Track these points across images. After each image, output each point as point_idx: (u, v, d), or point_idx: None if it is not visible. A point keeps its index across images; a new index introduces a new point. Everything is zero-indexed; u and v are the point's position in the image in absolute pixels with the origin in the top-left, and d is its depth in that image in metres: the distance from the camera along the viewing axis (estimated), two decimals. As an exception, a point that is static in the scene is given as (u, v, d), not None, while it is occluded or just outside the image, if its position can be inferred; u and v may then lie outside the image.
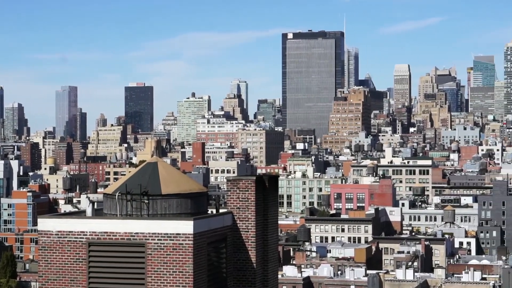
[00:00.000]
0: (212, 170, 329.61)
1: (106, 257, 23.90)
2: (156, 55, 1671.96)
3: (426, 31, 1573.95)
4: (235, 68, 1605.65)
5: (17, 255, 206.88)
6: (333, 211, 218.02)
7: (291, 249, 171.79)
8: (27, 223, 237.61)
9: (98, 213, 26.27)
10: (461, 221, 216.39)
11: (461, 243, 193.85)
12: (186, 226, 23.23)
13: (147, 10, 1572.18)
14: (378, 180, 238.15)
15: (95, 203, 26.60)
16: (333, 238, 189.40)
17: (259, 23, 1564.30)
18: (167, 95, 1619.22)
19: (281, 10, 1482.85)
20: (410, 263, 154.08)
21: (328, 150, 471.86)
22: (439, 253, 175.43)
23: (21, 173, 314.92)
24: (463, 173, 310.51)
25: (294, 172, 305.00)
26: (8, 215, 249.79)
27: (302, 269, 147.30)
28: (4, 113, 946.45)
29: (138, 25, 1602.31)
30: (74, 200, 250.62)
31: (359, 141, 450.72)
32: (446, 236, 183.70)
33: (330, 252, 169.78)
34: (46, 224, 24.51)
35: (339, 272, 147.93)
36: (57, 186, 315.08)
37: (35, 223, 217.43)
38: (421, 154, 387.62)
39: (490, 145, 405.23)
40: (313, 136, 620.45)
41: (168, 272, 23.30)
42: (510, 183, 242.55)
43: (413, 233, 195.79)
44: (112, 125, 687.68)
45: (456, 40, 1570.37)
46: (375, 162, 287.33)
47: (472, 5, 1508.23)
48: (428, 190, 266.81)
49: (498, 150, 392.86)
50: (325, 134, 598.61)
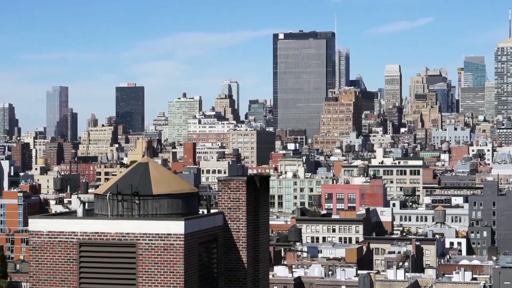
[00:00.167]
0: (203, 171, 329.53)
1: (97, 258, 23.86)
2: (148, 55, 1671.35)
3: (417, 32, 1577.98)
4: (226, 69, 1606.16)
5: (8, 256, 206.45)
6: (324, 212, 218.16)
7: (282, 249, 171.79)
8: (18, 224, 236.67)
9: (89, 214, 26.26)
10: (452, 221, 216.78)
11: (452, 243, 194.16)
12: (177, 227, 23.21)
13: (140, 11, 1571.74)
14: (369, 181, 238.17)
15: (86, 204, 26.58)
16: (324, 238, 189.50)
17: (250, 24, 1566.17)
18: (158, 96, 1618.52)
19: (272, 11, 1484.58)
20: (401, 263, 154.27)
21: (319, 151, 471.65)
22: (430, 253, 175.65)
23: (12, 173, 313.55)
24: (454, 174, 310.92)
25: (285, 173, 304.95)
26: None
27: (293, 269, 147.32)
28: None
29: (131, 26, 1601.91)
30: (65, 201, 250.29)
31: (350, 142, 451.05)
32: (437, 236, 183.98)
33: (321, 252, 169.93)
34: (37, 225, 24.47)
35: (330, 272, 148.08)
36: (48, 187, 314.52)
37: (26, 224, 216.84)
38: (412, 155, 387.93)
39: (481, 146, 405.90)
40: (304, 137, 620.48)
41: (159, 273, 23.28)
42: (501, 184, 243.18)
43: (404, 233, 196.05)
44: (103, 126, 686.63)
45: (447, 41, 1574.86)
46: (366, 163, 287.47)
47: (463, 6, 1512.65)
48: (419, 191, 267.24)
49: (489, 151, 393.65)
50: (316, 135, 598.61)
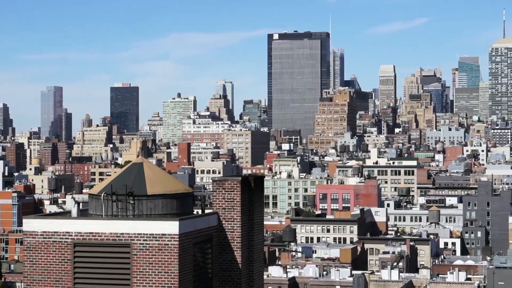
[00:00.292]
0: (198, 171, 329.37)
1: (92, 258, 23.85)
2: (143, 56, 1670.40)
3: (412, 32, 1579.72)
4: (221, 69, 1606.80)
5: (2, 256, 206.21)
6: (319, 212, 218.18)
7: (277, 250, 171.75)
8: (12, 224, 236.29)
9: (84, 214, 26.23)
10: (446, 222, 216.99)
11: (446, 244, 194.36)
12: (172, 227, 23.20)
13: (135, 11, 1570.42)
14: (364, 181, 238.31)
15: (81, 204, 26.55)
16: (319, 239, 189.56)
17: (245, 24, 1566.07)
18: (153, 96, 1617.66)
19: (267, 11, 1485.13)
20: (395, 264, 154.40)
21: (314, 151, 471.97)
22: (424, 254, 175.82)
23: (6, 174, 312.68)
24: (448, 174, 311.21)
25: (280, 173, 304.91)
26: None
27: (288, 270, 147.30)
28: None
29: (126, 26, 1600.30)
30: (59, 201, 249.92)
31: (345, 142, 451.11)
32: (431, 237, 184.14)
33: (316, 253, 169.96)
34: (31, 225, 24.45)
35: (325, 273, 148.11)
36: (42, 187, 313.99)
37: (20, 224, 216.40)
38: (406, 155, 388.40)
39: (475, 146, 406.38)
40: (299, 137, 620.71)
41: (154, 273, 23.27)
42: (495, 184, 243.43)
43: (398, 234, 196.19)
44: (98, 126, 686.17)
45: (441, 41, 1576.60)
46: (361, 163, 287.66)
47: (457, 7, 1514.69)
48: (413, 191, 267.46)
49: (483, 151, 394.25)
50: (311, 135, 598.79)
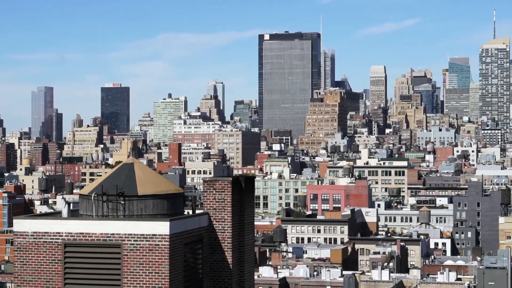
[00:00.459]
0: (189, 171, 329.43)
1: (82, 258, 23.82)
2: (134, 56, 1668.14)
3: (402, 33, 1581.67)
4: (212, 69, 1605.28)
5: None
6: (309, 212, 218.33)
7: (267, 250, 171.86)
8: (3, 224, 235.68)
9: (74, 214, 26.19)
10: (437, 222, 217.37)
11: (437, 244, 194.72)
12: (162, 227, 23.19)
13: (126, 12, 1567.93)
14: (354, 181, 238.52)
15: (71, 204, 26.51)
16: (309, 239, 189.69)
17: (236, 24, 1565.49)
18: (144, 96, 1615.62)
19: (258, 11, 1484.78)
20: (386, 264, 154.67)
21: (305, 151, 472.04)
22: (415, 254, 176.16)
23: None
24: (439, 174, 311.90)
25: (271, 173, 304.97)
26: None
27: (278, 270, 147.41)
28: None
29: (117, 26, 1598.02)
30: (50, 201, 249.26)
31: (335, 142, 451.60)
32: (422, 237, 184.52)
33: (306, 253, 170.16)
34: (22, 225, 24.40)
35: (315, 273, 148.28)
36: (33, 187, 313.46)
37: (11, 224, 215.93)
38: (397, 155, 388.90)
39: (465, 147, 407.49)
40: (290, 137, 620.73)
41: (144, 273, 23.26)
42: (485, 184, 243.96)
43: (389, 234, 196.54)
44: (88, 126, 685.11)
45: (432, 42, 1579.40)
46: (351, 163, 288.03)
47: (448, 8, 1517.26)
48: (404, 191, 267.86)
49: (473, 151, 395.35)
50: (302, 135, 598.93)
